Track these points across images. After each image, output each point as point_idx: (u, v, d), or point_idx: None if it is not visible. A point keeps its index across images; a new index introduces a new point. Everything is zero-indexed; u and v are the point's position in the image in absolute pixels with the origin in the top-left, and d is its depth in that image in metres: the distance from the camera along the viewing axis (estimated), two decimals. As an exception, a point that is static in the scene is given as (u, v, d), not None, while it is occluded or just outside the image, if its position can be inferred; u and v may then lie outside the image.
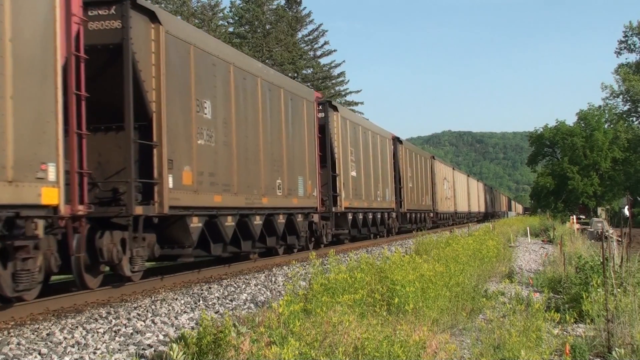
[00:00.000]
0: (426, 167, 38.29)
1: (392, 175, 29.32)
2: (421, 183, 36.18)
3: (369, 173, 25.90)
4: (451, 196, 48.02)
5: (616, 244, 15.34)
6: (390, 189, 28.88)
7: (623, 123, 68.12)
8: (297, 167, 17.59)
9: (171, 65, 11.54)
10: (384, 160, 28.49)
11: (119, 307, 9.29)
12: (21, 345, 6.93)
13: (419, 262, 8.76)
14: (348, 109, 32.57)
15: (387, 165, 29.11)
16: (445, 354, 6.02)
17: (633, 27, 68.30)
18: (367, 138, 26.26)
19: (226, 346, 5.44)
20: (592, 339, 7.40)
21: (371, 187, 26.10)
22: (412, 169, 33.70)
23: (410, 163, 33.43)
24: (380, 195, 27.23)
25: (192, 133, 12.08)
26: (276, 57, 54.01)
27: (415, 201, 33.71)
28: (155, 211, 11.07)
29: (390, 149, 29.42)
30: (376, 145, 27.64)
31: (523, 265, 17.33)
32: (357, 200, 23.68)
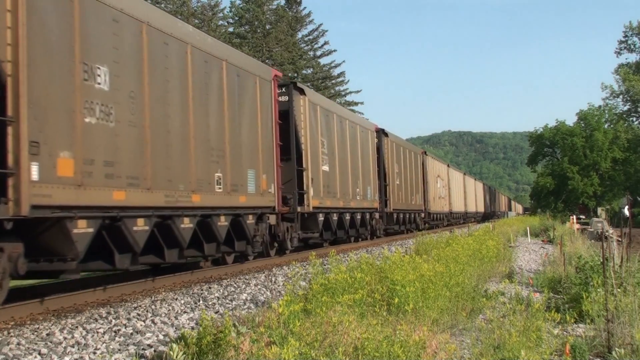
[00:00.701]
0: (416, 164, 35.35)
1: (375, 171, 26.15)
2: (410, 181, 33.16)
3: (345, 168, 22.66)
4: (445, 195, 45.09)
5: (616, 244, 15.34)
6: (373, 186, 25.71)
7: (623, 123, 68.17)
8: (246, 158, 14.40)
9: (39, 13, 8.57)
10: (365, 154, 25.12)
11: (118, 307, 9.29)
12: (21, 345, 6.92)
13: (419, 262, 8.76)
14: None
15: (369, 160, 25.75)
16: (445, 354, 6.02)
17: (633, 27, 68.35)
18: (343, 128, 23.01)
19: (226, 346, 5.44)
20: (592, 339, 7.40)
21: (348, 184, 22.75)
22: (400, 165, 30.79)
23: (398, 158, 30.46)
24: (360, 193, 24.10)
25: (75, 107, 9.04)
26: (276, 57, 54.02)
27: (403, 200, 30.93)
28: (9, 212, 8.05)
29: (373, 142, 26.42)
30: (355, 136, 24.44)
31: (523, 265, 17.33)
32: (330, 199, 20.56)
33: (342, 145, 22.71)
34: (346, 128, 23.71)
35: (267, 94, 15.99)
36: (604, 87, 70.90)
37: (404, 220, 31.55)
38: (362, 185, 24.15)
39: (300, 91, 18.76)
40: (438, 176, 42.16)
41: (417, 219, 34.56)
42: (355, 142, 24.06)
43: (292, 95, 18.10)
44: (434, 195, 39.71)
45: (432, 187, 39.22)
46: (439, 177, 42.44)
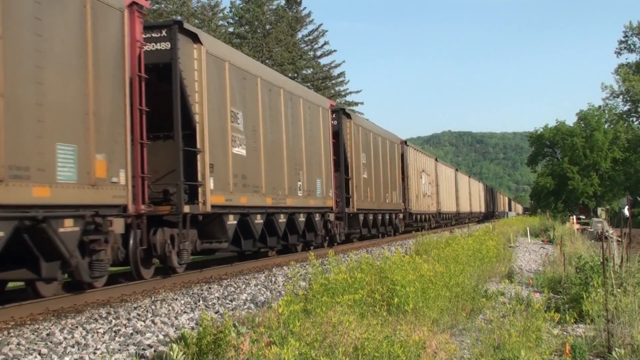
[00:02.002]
0: (393, 155, 30.22)
1: (329, 161, 21.11)
2: (385, 175, 28.09)
3: (276, 154, 18.73)
4: (433, 193, 39.96)
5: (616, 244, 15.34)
6: (324, 180, 20.63)
7: (623, 123, 68.18)
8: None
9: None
10: (314, 137, 20.12)
11: (119, 307, 9.29)
12: (21, 345, 6.93)
13: (419, 262, 8.76)
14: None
15: (321, 146, 20.63)
16: (445, 354, 6.02)
17: (633, 27, 68.36)
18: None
19: (226, 346, 5.44)
20: (592, 339, 7.40)
21: (282, 175, 17.85)
22: (369, 155, 25.74)
23: (366, 146, 25.39)
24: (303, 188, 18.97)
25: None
26: (276, 57, 54.00)
27: (373, 198, 25.81)
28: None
29: (327, 123, 21.33)
30: (298, 113, 20.76)
31: (523, 265, 17.33)
32: (246, 194, 15.58)
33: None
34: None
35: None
36: (604, 87, 71.00)
37: (375, 223, 26.40)
38: (307, 178, 18.71)
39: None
40: (423, 171, 36.91)
41: (394, 220, 29.84)
42: (297, 120, 18.30)
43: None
44: (417, 193, 34.50)
45: (415, 184, 34.10)
46: (423, 172, 37.16)
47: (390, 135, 31.33)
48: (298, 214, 18.02)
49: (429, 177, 39.18)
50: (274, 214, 16.22)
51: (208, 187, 13.02)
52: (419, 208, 35.01)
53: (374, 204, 25.86)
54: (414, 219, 33.75)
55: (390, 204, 29.06)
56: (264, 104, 15.97)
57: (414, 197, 33.63)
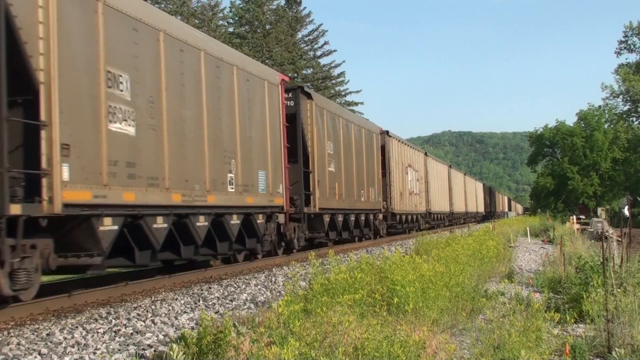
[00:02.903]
0: (371, 146, 26.32)
1: (279, 150, 16.80)
2: (359, 168, 24.20)
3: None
4: (421, 191, 36.10)
5: (616, 244, 15.35)
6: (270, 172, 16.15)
7: (623, 123, 68.17)
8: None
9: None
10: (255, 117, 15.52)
11: (119, 307, 9.29)
12: (21, 345, 6.93)
13: (419, 262, 8.76)
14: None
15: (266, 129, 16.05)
16: (445, 354, 6.02)
17: (633, 27, 68.35)
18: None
19: (226, 346, 5.44)
20: (592, 339, 7.41)
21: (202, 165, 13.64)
22: (338, 145, 21.73)
23: (334, 134, 21.35)
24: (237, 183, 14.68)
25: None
26: (276, 57, 54.00)
27: (343, 196, 21.83)
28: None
29: (276, 101, 16.81)
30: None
31: (523, 265, 17.34)
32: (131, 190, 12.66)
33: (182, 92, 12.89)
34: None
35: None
36: (604, 87, 70.75)
37: (346, 225, 22.31)
38: (243, 169, 14.35)
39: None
40: (409, 166, 32.92)
41: (372, 221, 25.69)
42: (226, 94, 13.92)
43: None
44: (401, 190, 30.65)
45: (398, 180, 30.21)
46: (410, 168, 33.10)
47: (368, 124, 27.52)
48: (228, 215, 13.61)
49: (416, 173, 34.99)
50: (187, 215, 11.94)
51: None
52: (403, 207, 31.00)
53: (343, 202, 21.81)
54: (397, 219, 29.83)
55: (367, 202, 24.92)
56: (170, 68, 11.76)
57: (398, 195, 29.74)
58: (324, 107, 20.85)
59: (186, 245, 12.23)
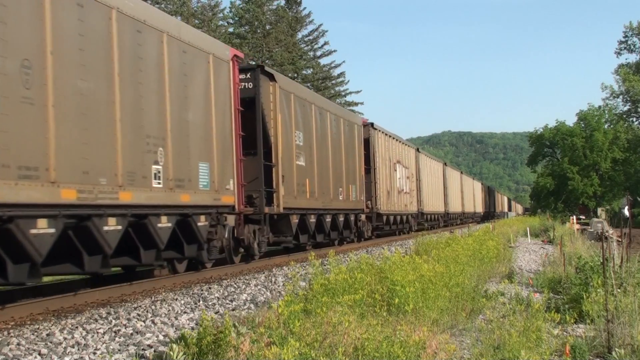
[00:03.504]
0: (352, 138, 23.66)
1: (232, 138, 14.26)
2: (336, 163, 21.41)
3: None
4: (412, 190, 33.36)
5: (616, 245, 15.35)
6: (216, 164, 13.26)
7: (623, 123, 68.21)
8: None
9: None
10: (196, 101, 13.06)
11: (119, 308, 9.29)
12: (21, 345, 6.93)
13: (419, 263, 8.77)
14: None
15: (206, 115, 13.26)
16: (445, 354, 6.03)
17: (633, 28, 68.37)
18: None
19: (226, 346, 5.44)
20: (592, 339, 7.41)
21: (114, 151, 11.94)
22: (310, 136, 19.23)
23: (304, 123, 18.75)
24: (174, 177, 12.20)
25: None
26: (276, 57, 54.02)
27: (315, 194, 19.22)
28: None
29: (229, 83, 14.18)
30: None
31: (523, 265, 17.34)
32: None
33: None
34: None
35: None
36: (604, 88, 70.81)
37: (320, 227, 19.75)
38: (175, 160, 11.72)
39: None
40: (398, 162, 30.34)
41: (352, 223, 22.98)
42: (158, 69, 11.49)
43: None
44: (388, 188, 28.09)
45: (385, 177, 27.73)
46: (399, 164, 30.52)
47: (348, 114, 25.19)
48: (154, 216, 11.01)
49: (407, 170, 32.21)
50: (89, 217, 9.42)
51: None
52: (391, 207, 28.41)
53: (316, 201, 19.21)
54: (384, 220, 27.17)
55: (346, 201, 22.18)
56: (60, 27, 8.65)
57: (384, 193, 27.13)
58: (292, 91, 17.96)
59: (91, 255, 9.58)
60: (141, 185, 10.62)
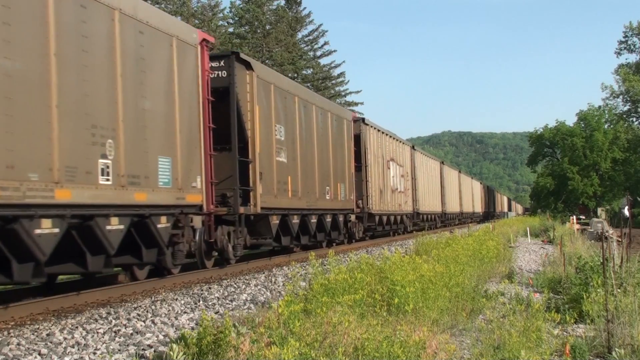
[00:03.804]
0: (340, 133, 22.04)
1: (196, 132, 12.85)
2: (323, 160, 19.90)
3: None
4: (407, 189, 32.16)
5: (616, 245, 15.35)
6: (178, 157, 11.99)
7: (623, 123, 68.24)
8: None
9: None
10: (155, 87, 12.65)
11: (119, 308, 9.29)
12: (21, 345, 6.93)
13: (419, 263, 8.77)
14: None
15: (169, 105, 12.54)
16: (445, 354, 6.03)
17: (633, 28, 68.37)
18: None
19: (226, 346, 5.44)
20: (592, 339, 7.41)
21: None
22: (293, 130, 17.70)
23: (287, 115, 17.32)
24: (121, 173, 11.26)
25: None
26: (276, 57, 54.02)
27: (298, 192, 17.73)
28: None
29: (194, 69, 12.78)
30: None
31: (523, 265, 17.34)
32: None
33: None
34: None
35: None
36: (604, 88, 70.89)
37: (305, 228, 18.29)
38: (129, 154, 10.41)
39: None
40: (391, 160, 29.22)
41: (342, 223, 21.60)
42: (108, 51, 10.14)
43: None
44: (382, 188, 26.92)
45: (378, 175, 26.48)
46: (393, 162, 29.37)
47: (337, 108, 23.42)
48: (102, 217, 9.67)
49: (401, 168, 31.03)
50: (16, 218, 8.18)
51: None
52: (384, 207, 27.06)
53: (299, 201, 17.76)
54: (376, 221, 25.81)
55: (334, 201, 20.66)
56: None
57: (376, 192, 25.75)
58: (272, 82, 16.41)
59: (22, 263, 8.42)
60: (84, 181, 9.30)
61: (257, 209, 14.95)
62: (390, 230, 29.88)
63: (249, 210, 14.69)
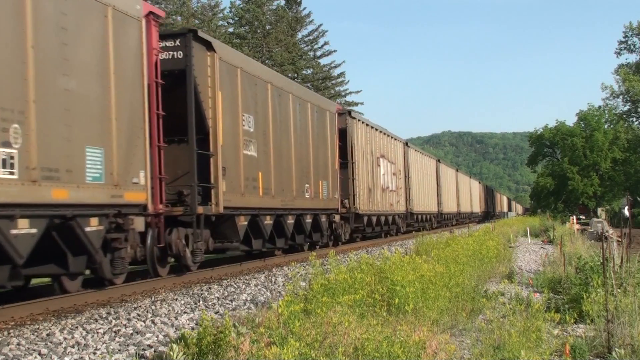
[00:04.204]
0: (322, 127, 20.06)
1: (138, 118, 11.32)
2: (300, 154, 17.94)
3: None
4: (400, 187, 30.50)
5: (616, 245, 15.35)
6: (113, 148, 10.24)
7: (623, 123, 68.22)
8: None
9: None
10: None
11: (119, 308, 9.29)
12: (21, 345, 6.93)
13: (419, 263, 8.77)
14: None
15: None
16: (445, 354, 6.03)
17: (633, 28, 68.36)
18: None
19: (226, 346, 5.44)
20: (592, 339, 7.41)
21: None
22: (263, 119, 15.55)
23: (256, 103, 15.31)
24: None
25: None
26: (276, 57, 54.03)
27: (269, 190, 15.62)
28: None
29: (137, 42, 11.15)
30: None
31: (523, 265, 17.34)
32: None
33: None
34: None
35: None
36: (604, 88, 70.87)
37: (280, 230, 16.52)
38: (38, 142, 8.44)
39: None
40: (382, 156, 27.57)
41: (326, 224, 19.88)
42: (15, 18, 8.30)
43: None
44: (371, 186, 25.28)
45: (367, 173, 24.78)
46: (383, 159, 27.74)
47: (318, 98, 21.01)
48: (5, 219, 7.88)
49: (393, 165, 29.43)
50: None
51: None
52: (373, 207, 25.33)
53: (273, 199, 15.77)
54: (364, 222, 23.99)
55: (314, 200, 18.64)
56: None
57: (364, 191, 24.05)
58: (238, 66, 14.48)
59: None
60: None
61: (219, 208, 13.15)
62: (382, 231, 28.28)
63: (210, 210, 12.94)
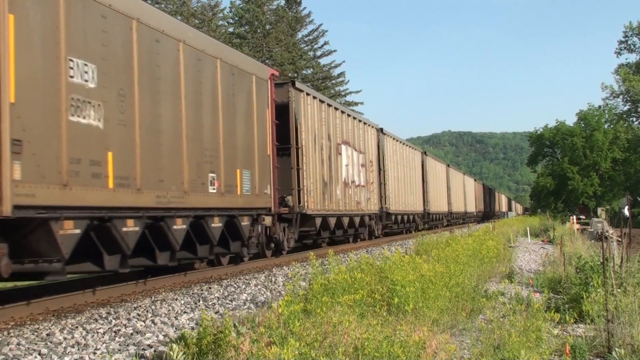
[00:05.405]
0: (246, 99, 14.49)
1: None
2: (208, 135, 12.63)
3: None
4: (370, 183, 25.54)
5: (616, 244, 15.35)
6: None
7: (623, 123, 68.23)
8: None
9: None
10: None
11: (118, 308, 9.29)
12: (21, 345, 6.93)
13: (419, 263, 8.77)
14: None
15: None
16: (445, 354, 6.03)
17: (633, 28, 68.37)
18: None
19: (226, 346, 5.44)
20: (592, 339, 7.41)
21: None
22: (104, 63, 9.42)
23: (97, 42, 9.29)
24: None
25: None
26: (276, 57, 54.02)
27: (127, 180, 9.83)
28: None
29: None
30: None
31: (523, 265, 17.33)
32: None
33: None
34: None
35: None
36: (604, 87, 70.83)
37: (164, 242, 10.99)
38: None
39: None
40: (345, 143, 23.22)
41: (247, 232, 14.44)
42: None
43: None
44: (327, 179, 20.45)
45: (319, 161, 19.83)
46: (347, 146, 23.48)
47: (236, 56, 15.05)
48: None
49: (362, 155, 24.67)
50: None
51: None
52: (330, 205, 20.42)
53: (140, 195, 10.25)
54: (316, 225, 19.02)
55: (227, 195, 13.34)
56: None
57: (317, 185, 19.32)
58: None
59: None
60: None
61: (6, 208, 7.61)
62: (344, 235, 22.84)
63: None
